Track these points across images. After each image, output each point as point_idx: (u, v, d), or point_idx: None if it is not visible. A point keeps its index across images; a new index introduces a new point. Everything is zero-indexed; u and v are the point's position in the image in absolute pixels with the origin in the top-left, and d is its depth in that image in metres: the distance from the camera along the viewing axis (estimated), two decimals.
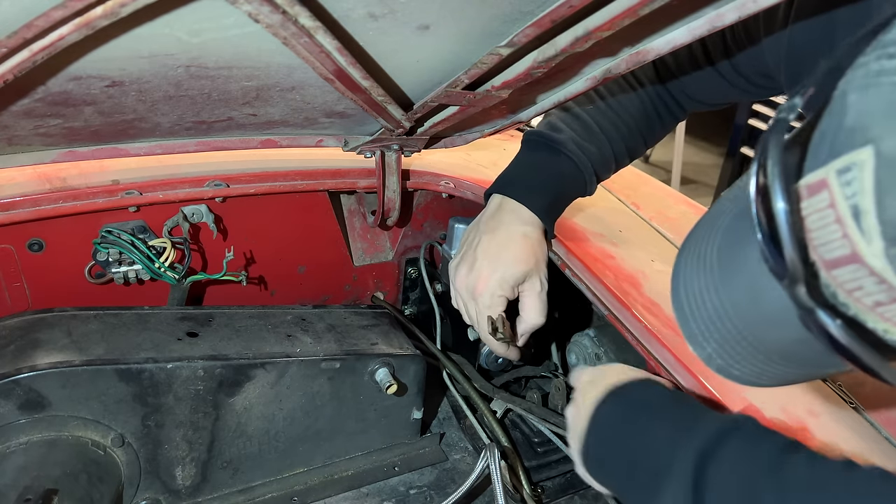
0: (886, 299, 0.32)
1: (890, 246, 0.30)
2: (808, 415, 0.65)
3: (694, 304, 0.45)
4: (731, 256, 0.42)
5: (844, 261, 0.32)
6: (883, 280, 0.31)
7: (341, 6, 0.50)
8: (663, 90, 0.82)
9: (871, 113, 0.31)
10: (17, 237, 0.85)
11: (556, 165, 0.82)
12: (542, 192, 0.83)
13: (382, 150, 0.96)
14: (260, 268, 1.05)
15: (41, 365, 0.68)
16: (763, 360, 0.43)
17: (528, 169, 0.85)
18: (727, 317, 0.42)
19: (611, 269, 0.86)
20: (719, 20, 0.51)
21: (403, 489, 0.87)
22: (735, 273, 0.42)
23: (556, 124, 0.83)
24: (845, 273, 0.33)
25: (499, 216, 0.83)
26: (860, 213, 0.31)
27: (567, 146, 0.81)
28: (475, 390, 0.94)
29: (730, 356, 0.44)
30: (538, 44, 0.59)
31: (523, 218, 0.82)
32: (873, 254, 0.31)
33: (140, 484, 0.75)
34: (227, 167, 0.97)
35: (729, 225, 0.44)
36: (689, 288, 0.45)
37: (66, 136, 0.72)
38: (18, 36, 0.43)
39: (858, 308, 0.34)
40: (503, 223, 0.83)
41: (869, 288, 0.32)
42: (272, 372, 0.79)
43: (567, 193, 0.85)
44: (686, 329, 0.46)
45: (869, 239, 0.31)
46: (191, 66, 0.58)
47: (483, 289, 0.81)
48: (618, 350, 0.90)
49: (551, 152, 0.83)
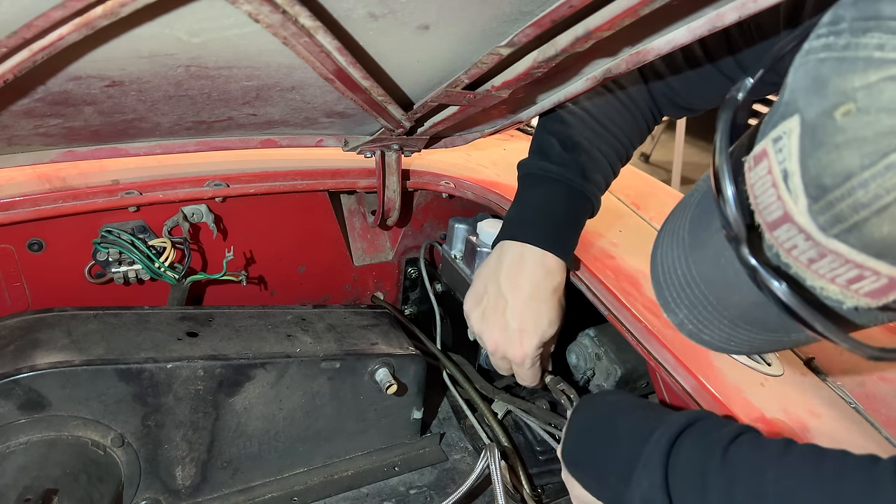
0: (816, 255, 0.35)
1: (812, 203, 0.33)
2: (809, 415, 0.65)
3: (668, 273, 0.49)
4: (700, 228, 0.47)
5: (780, 221, 0.36)
6: (809, 236, 0.34)
7: (341, 6, 0.50)
8: (651, 101, 0.80)
9: (799, 87, 0.34)
10: (16, 237, 0.85)
11: (566, 199, 0.78)
12: (561, 231, 0.79)
13: (382, 149, 0.96)
14: (260, 268, 1.05)
15: (41, 365, 0.67)
16: (729, 325, 0.46)
17: (538, 210, 0.80)
18: (695, 283, 0.46)
19: (611, 268, 0.86)
20: (719, 20, 0.51)
21: (403, 489, 0.87)
22: (702, 243, 0.46)
23: (550, 153, 0.79)
24: (782, 233, 0.36)
25: (521, 267, 0.78)
26: (788, 176, 0.34)
27: (569, 177, 0.78)
28: (475, 391, 0.94)
29: (699, 321, 0.48)
30: (538, 44, 0.59)
31: (548, 267, 0.77)
32: (800, 211, 0.34)
33: (140, 484, 0.75)
34: (227, 167, 0.97)
35: (699, 200, 0.48)
36: (664, 259, 0.50)
37: (65, 135, 0.72)
38: (18, 36, 0.43)
39: (798, 267, 0.36)
40: (529, 278, 0.77)
41: (801, 246, 0.35)
42: (272, 372, 0.79)
43: (581, 223, 0.81)
44: (660, 297, 0.50)
45: (795, 198, 0.34)
46: (191, 65, 0.58)
47: (522, 357, 0.79)
48: (618, 350, 0.90)
49: (555, 186, 0.78)
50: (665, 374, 0.72)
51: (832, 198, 0.32)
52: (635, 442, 0.55)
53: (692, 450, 0.52)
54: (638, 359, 0.84)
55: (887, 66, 0.29)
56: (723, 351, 0.49)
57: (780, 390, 0.68)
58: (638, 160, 4.42)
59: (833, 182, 0.32)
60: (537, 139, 0.82)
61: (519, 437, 0.94)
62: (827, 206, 0.33)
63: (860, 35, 0.31)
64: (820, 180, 0.33)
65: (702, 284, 0.46)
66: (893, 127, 0.29)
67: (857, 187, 0.31)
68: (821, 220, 0.33)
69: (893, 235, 0.31)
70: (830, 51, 0.32)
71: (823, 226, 0.33)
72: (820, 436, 0.63)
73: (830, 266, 0.35)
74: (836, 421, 0.65)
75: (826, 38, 0.33)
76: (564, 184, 0.77)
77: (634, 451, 0.55)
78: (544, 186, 0.79)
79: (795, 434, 0.63)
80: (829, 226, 0.33)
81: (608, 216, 1.04)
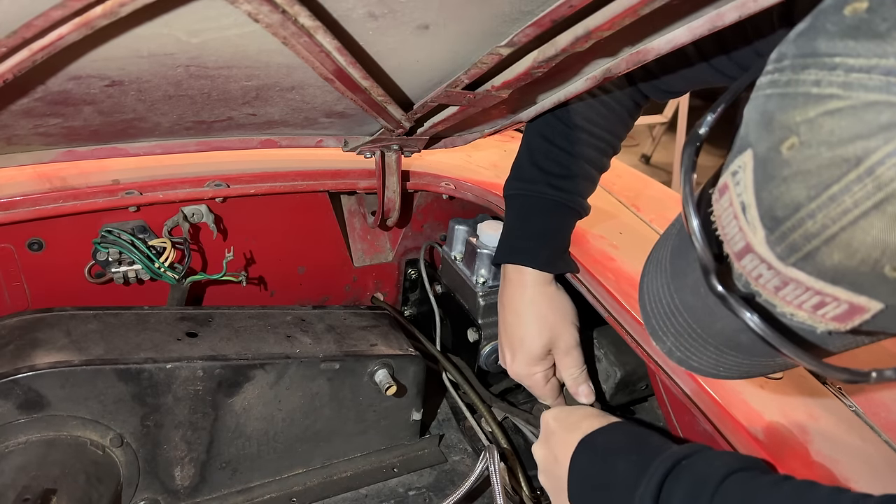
0: (780, 283, 0.36)
1: (769, 234, 0.34)
2: (808, 418, 0.65)
3: (654, 302, 0.50)
4: (679, 257, 0.48)
5: (744, 251, 0.37)
6: (771, 265, 0.35)
7: (341, 6, 0.50)
8: (635, 90, 0.79)
9: (751, 121, 0.35)
10: (16, 237, 0.85)
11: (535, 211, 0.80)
12: (528, 241, 0.81)
13: (382, 150, 0.96)
14: (260, 268, 1.05)
15: (40, 365, 0.67)
16: (715, 351, 0.47)
17: (511, 228, 0.83)
18: (679, 311, 0.47)
19: (611, 270, 0.86)
20: (720, 20, 0.51)
21: (402, 490, 0.87)
22: (682, 272, 0.47)
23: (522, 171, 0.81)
24: (747, 262, 0.37)
25: (505, 288, 0.83)
26: (746, 208, 0.36)
27: (538, 189, 0.79)
28: (475, 392, 0.94)
29: (686, 348, 0.48)
30: (538, 43, 0.59)
31: (520, 281, 0.81)
32: (759, 242, 0.35)
33: (139, 484, 0.75)
34: (227, 167, 0.97)
35: (679, 231, 0.49)
36: (650, 288, 0.51)
37: (65, 135, 0.72)
38: (18, 35, 0.43)
39: (767, 294, 0.37)
40: (510, 295, 0.82)
41: (766, 275, 0.36)
42: (271, 372, 0.79)
43: (559, 230, 0.83)
44: (648, 325, 0.51)
45: (754, 229, 0.35)
46: (190, 65, 0.58)
47: (513, 374, 0.84)
48: (617, 352, 0.90)
49: (526, 200, 0.81)
50: (664, 376, 0.72)
51: (785, 228, 0.33)
52: (623, 497, 0.55)
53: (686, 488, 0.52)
54: (637, 361, 0.84)
55: (824, 101, 0.31)
56: (713, 377, 0.50)
57: (780, 393, 0.68)
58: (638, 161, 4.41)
59: (784, 214, 0.33)
60: (517, 156, 0.84)
61: (518, 438, 0.93)
62: (782, 237, 0.34)
63: (799, 72, 0.32)
64: (773, 212, 0.34)
65: (685, 313, 0.47)
66: (833, 159, 0.30)
67: (805, 218, 0.32)
68: (778, 249, 0.34)
69: (844, 263, 0.32)
70: (775, 87, 0.34)
71: (781, 255, 0.34)
72: (819, 439, 0.63)
73: (795, 293, 0.36)
74: (835, 424, 0.65)
75: (772, 75, 0.34)
76: (535, 198, 0.80)
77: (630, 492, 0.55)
78: (516, 203, 0.82)
79: (794, 437, 0.62)
80: (786, 255, 0.34)
81: (608, 218, 1.04)
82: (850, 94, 0.30)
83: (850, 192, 0.30)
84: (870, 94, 0.29)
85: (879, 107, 0.29)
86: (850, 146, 0.30)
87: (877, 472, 0.59)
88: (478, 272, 0.97)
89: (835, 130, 0.30)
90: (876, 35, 0.29)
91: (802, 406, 0.67)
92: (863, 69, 0.29)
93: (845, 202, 0.30)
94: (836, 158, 0.30)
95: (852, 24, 0.30)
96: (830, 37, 0.31)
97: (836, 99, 0.30)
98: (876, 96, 0.29)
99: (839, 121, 0.30)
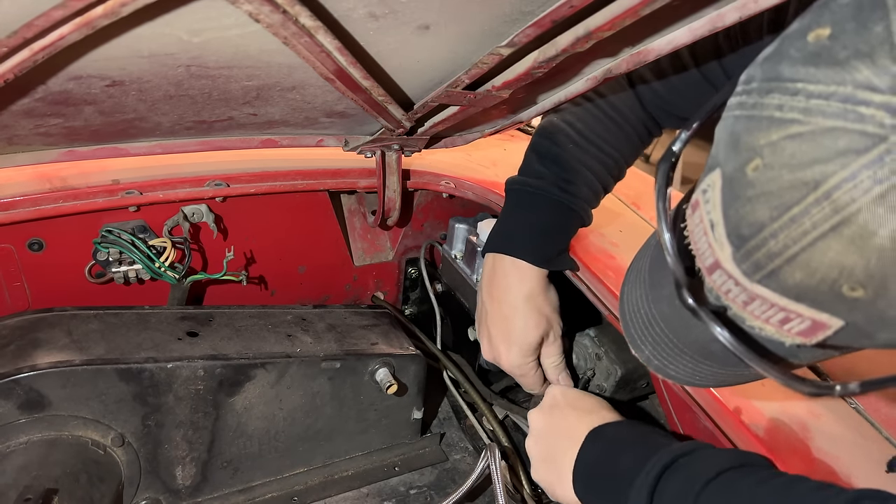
0: (747, 298, 0.37)
1: (735, 251, 0.35)
2: (808, 415, 0.65)
3: (633, 311, 0.51)
4: (657, 269, 0.49)
5: (713, 266, 0.38)
6: (738, 281, 0.36)
7: (342, 6, 0.50)
8: (647, 117, 0.81)
9: (721, 141, 0.36)
10: (17, 237, 0.85)
11: (541, 208, 0.80)
12: (532, 237, 0.81)
13: (383, 149, 0.96)
14: (260, 267, 1.05)
15: (41, 364, 0.68)
16: (691, 361, 0.48)
17: (512, 220, 0.83)
18: (656, 321, 0.49)
19: (611, 268, 0.86)
20: (720, 20, 0.51)
21: (403, 489, 0.87)
22: (659, 283, 0.48)
23: (530, 168, 0.81)
24: (717, 277, 0.38)
25: (497, 279, 0.82)
26: (714, 225, 0.37)
27: (545, 188, 0.79)
28: (475, 391, 0.94)
29: (664, 357, 0.49)
30: (539, 44, 0.59)
31: (519, 274, 0.80)
32: (726, 259, 0.36)
33: (140, 483, 0.75)
34: (228, 167, 0.96)
35: (656, 242, 0.50)
36: (630, 298, 0.52)
37: (66, 135, 0.72)
38: (19, 35, 0.43)
39: (736, 308, 0.38)
40: (500, 286, 0.82)
41: (734, 290, 0.37)
42: (272, 372, 0.79)
43: (563, 231, 0.83)
44: (627, 333, 0.52)
45: (721, 246, 0.36)
46: (191, 65, 0.58)
47: (507, 364, 0.84)
48: (618, 350, 0.90)
49: (531, 197, 0.81)
50: None
51: (750, 247, 0.35)
52: (623, 487, 0.58)
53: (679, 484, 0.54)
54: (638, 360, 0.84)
55: (786, 125, 0.31)
56: (690, 385, 0.51)
57: (780, 390, 0.68)
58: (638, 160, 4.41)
59: (749, 232, 0.34)
60: (524, 157, 0.84)
61: (519, 437, 0.93)
62: (747, 255, 0.35)
63: (765, 95, 0.33)
64: (739, 230, 0.35)
65: (661, 322, 0.48)
66: (793, 182, 0.31)
67: (768, 238, 0.33)
68: (744, 266, 0.36)
69: (805, 282, 0.33)
70: (743, 109, 0.35)
71: (747, 272, 0.36)
72: (819, 436, 0.63)
73: (761, 308, 0.37)
74: (836, 421, 0.65)
75: (740, 97, 0.35)
76: (540, 195, 0.80)
77: (629, 483, 0.57)
78: (520, 198, 0.82)
79: (795, 434, 0.63)
80: (751, 272, 0.35)
81: (608, 215, 1.04)
82: (809, 119, 0.30)
83: (809, 214, 0.31)
84: (828, 119, 0.30)
85: (836, 133, 0.29)
86: (808, 170, 0.30)
87: (878, 468, 0.60)
88: (478, 271, 0.97)
89: (795, 154, 0.31)
90: (836, 62, 0.30)
91: (803, 402, 0.67)
92: (822, 95, 0.30)
93: (805, 224, 0.31)
94: (797, 181, 0.31)
95: (814, 50, 0.31)
96: (793, 62, 0.32)
97: (797, 124, 0.31)
98: (833, 122, 0.30)
99: (800, 145, 0.31)
